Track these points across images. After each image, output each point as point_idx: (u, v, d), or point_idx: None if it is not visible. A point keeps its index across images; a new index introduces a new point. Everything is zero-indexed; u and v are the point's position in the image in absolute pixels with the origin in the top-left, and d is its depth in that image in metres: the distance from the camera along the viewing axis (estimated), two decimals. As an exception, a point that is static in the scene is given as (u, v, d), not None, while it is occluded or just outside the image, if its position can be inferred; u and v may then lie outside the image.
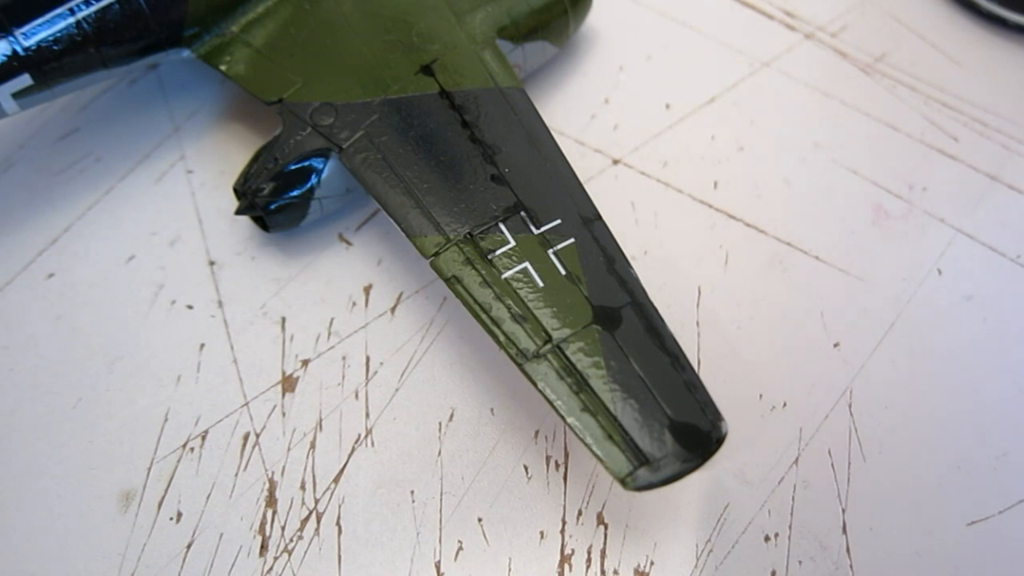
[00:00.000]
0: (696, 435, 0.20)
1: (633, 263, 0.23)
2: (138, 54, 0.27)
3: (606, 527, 0.23)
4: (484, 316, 0.22)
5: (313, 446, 0.24)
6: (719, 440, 0.21)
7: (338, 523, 0.23)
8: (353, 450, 0.24)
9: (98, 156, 0.30)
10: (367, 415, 0.25)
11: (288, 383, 0.26)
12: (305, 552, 0.23)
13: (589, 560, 0.23)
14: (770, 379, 0.26)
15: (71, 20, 0.25)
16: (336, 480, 0.24)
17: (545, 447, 0.24)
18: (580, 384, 0.21)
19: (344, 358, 0.26)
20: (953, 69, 0.32)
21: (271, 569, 0.23)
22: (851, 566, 0.23)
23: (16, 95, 0.25)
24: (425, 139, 0.25)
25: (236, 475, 0.24)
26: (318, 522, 0.23)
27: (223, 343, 0.26)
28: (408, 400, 0.25)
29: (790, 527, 0.23)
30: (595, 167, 0.30)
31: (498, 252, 0.23)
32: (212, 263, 0.28)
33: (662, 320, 0.22)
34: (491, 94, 0.26)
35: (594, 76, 0.32)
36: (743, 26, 0.34)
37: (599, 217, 0.24)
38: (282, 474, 0.24)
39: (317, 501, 0.24)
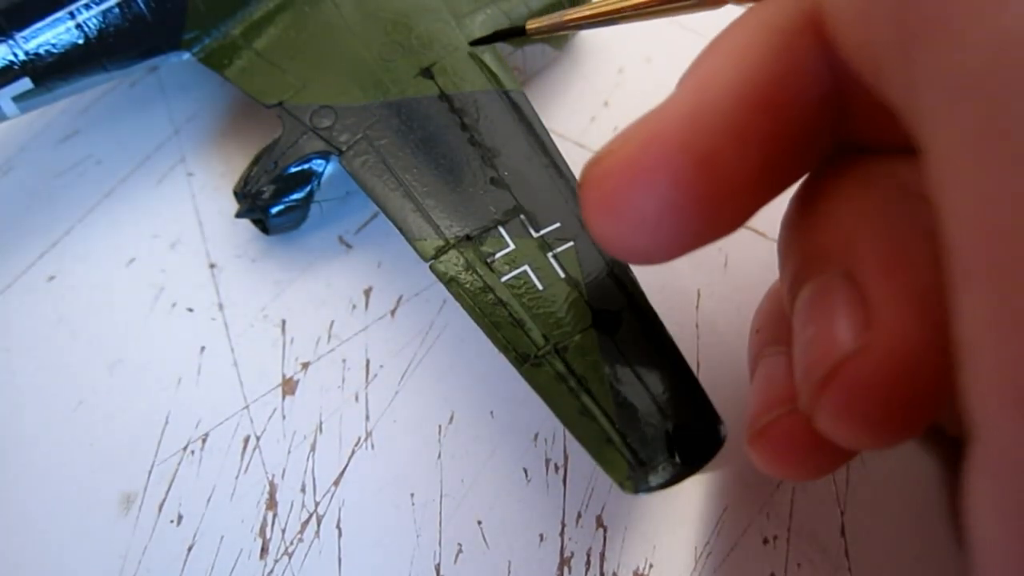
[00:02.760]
0: (695, 438, 0.21)
1: (632, 266, 0.23)
2: (138, 57, 0.27)
3: (605, 530, 0.23)
4: (483, 319, 0.22)
5: (313, 449, 0.25)
6: (718, 443, 0.21)
7: (338, 525, 0.23)
8: (353, 452, 0.25)
9: (98, 159, 0.30)
10: (367, 417, 0.25)
11: (288, 386, 0.26)
12: (306, 555, 0.23)
13: (588, 563, 0.23)
14: (769, 382, 0.26)
15: (71, 23, 0.25)
16: (336, 483, 0.24)
17: (544, 450, 0.25)
18: (579, 387, 0.21)
19: (344, 361, 0.26)
20: (952, 71, 0.32)
21: (272, 572, 0.23)
22: (849, 568, 0.23)
23: (16, 99, 0.25)
24: (425, 142, 0.25)
25: (237, 478, 0.24)
26: (318, 524, 0.23)
27: (224, 346, 0.26)
28: (408, 403, 0.25)
29: (789, 529, 0.23)
30: (595, 169, 0.30)
31: (497, 255, 0.23)
32: (213, 266, 0.28)
33: (661, 324, 0.22)
34: (491, 97, 0.26)
35: (594, 79, 0.32)
36: None
37: (598, 220, 0.24)
38: (282, 477, 0.24)
39: (317, 504, 0.24)
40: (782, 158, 0.17)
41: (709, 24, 0.34)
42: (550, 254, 0.23)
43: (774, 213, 0.29)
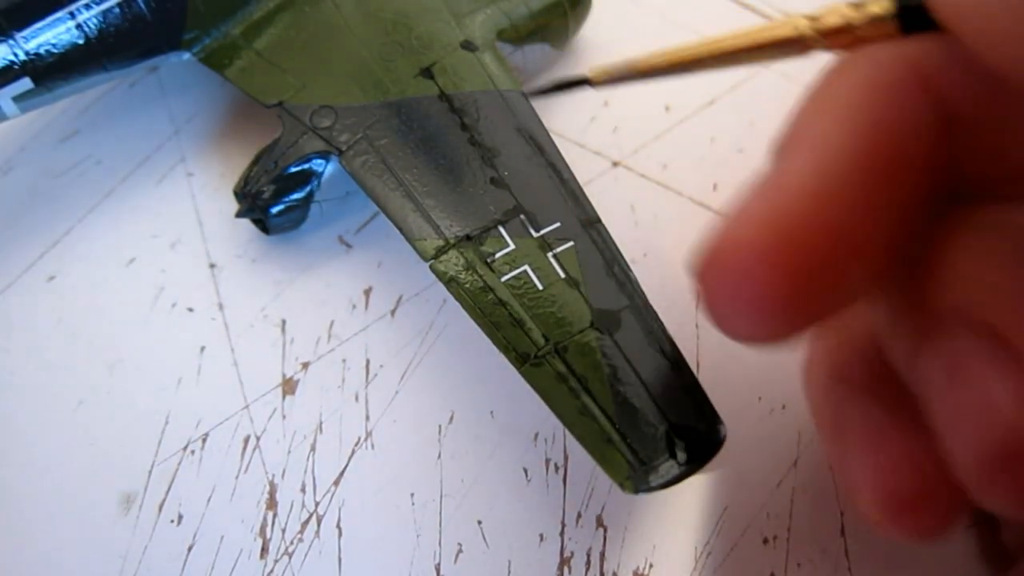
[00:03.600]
0: (695, 438, 0.21)
1: (632, 266, 0.23)
2: (138, 57, 0.27)
3: (605, 530, 0.23)
4: (483, 319, 0.22)
5: (313, 449, 0.25)
6: (718, 443, 0.21)
7: (338, 525, 0.23)
8: (353, 452, 0.25)
9: (98, 159, 0.30)
10: (367, 417, 0.25)
11: (288, 386, 0.26)
12: (306, 554, 0.23)
13: (588, 562, 0.23)
14: (769, 382, 0.26)
15: (71, 23, 0.25)
16: (336, 483, 0.24)
17: (544, 450, 0.25)
18: (579, 387, 0.21)
19: (344, 360, 0.26)
20: (952, 71, 0.32)
21: (272, 572, 0.23)
22: (849, 568, 0.23)
23: (16, 99, 0.25)
24: (425, 142, 0.25)
25: (237, 478, 0.24)
26: (318, 524, 0.23)
27: (224, 346, 0.26)
28: (408, 403, 0.25)
29: (789, 530, 0.23)
30: (595, 169, 0.30)
31: (497, 255, 0.23)
32: (213, 266, 0.28)
33: (661, 323, 0.22)
34: (491, 97, 0.26)
35: (594, 78, 0.32)
36: (742, 28, 0.34)
37: (598, 220, 0.24)
38: (282, 477, 0.24)
39: (317, 504, 0.24)
40: (907, 222, 0.16)
41: (709, 26, 0.34)
42: (550, 254, 0.23)
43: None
